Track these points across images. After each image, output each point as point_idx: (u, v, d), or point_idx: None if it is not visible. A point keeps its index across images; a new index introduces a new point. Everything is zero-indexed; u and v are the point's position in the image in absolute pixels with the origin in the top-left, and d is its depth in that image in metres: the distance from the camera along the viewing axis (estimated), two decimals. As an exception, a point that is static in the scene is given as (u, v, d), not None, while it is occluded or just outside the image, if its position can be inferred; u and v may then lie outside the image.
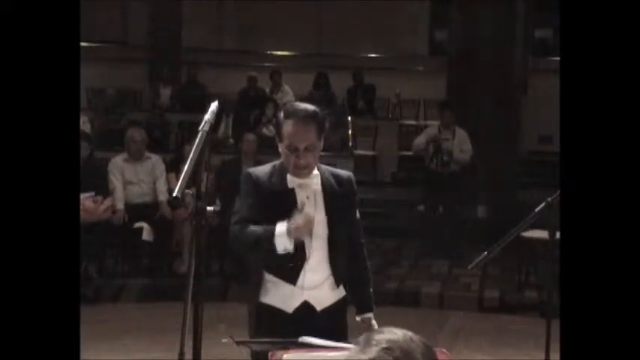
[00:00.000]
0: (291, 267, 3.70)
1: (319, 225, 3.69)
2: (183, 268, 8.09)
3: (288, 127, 3.62)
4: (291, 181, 3.68)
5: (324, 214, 3.70)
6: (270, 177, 3.72)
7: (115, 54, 15.50)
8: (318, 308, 3.73)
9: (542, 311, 6.91)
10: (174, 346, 3.10)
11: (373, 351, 1.98)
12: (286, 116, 3.65)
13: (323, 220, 3.70)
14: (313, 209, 3.69)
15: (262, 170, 3.78)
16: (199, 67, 14.62)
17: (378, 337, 2.01)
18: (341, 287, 3.81)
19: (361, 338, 2.05)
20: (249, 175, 3.78)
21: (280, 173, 3.70)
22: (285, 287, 3.74)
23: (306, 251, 3.69)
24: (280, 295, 3.75)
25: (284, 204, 3.64)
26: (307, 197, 3.69)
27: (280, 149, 3.70)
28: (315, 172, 3.71)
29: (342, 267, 3.78)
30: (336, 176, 3.79)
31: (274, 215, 3.64)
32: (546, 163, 12.82)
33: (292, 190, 3.68)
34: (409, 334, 2.03)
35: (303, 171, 3.66)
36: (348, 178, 3.82)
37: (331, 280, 3.75)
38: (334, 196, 3.72)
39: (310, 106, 3.72)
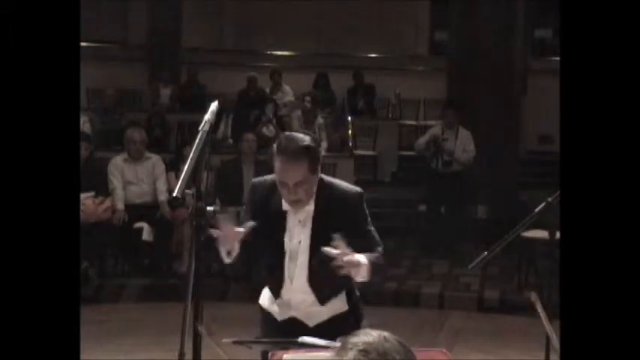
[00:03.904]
0: (270, 287, 3.78)
1: (303, 251, 3.68)
2: (183, 268, 8.09)
3: (277, 162, 3.56)
4: (286, 205, 3.66)
5: (309, 239, 3.67)
6: (270, 194, 3.70)
7: (115, 54, 15.49)
8: (310, 324, 3.71)
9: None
10: (174, 346, 3.11)
11: (350, 355, 1.99)
12: (277, 151, 3.57)
13: (307, 245, 3.67)
14: (300, 233, 3.67)
15: (265, 184, 3.76)
16: (199, 67, 14.61)
17: (353, 340, 2.03)
18: (340, 301, 3.75)
19: (338, 342, 2.08)
20: (252, 187, 3.81)
21: (280, 194, 3.67)
22: (276, 299, 3.78)
23: (285, 273, 3.70)
24: (272, 304, 3.79)
25: (275, 225, 3.67)
26: (299, 221, 3.67)
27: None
28: (311, 201, 3.65)
29: (326, 289, 3.71)
30: (339, 194, 3.70)
31: (266, 234, 3.69)
32: (546, 163, 12.82)
33: (285, 213, 3.67)
34: (384, 334, 2.05)
35: (294, 204, 3.62)
36: (352, 195, 3.72)
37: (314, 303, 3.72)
38: (326, 221, 3.63)
39: (303, 140, 3.57)
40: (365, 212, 3.74)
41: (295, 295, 3.72)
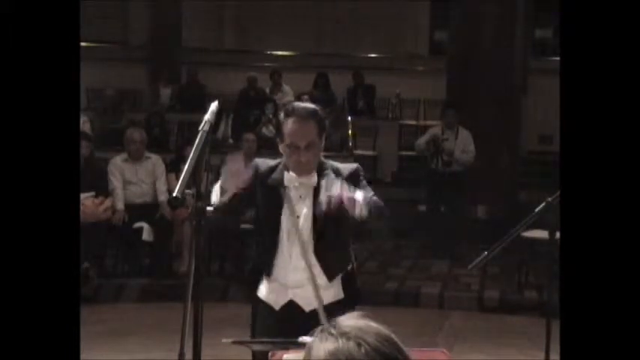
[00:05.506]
0: (262, 261, 3.82)
1: (302, 226, 3.71)
2: (184, 268, 8.09)
3: (288, 125, 3.69)
4: (289, 179, 3.72)
5: (311, 211, 3.72)
6: (271, 172, 3.79)
7: (115, 54, 15.49)
8: (307, 309, 3.72)
9: (542, 311, 6.91)
10: (174, 346, 3.11)
11: None
12: (287, 115, 3.72)
13: (309, 217, 3.72)
14: (300, 208, 3.73)
15: (267, 164, 3.84)
16: (199, 67, 14.62)
17: (316, 349, 1.74)
18: (336, 288, 3.79)
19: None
20: (255, 165, 3.88)
21: (282, 171, 3.76)
22: (273, 283, 3.79)
23: (278, 247, 3.74)
24: (269, 291, 3.80)
25: (274, 200, 3.73)
26: (300, 196, 3.74)
27: (281, 149, 3.75)
28: (314, 173, 3.73)
29: (332, 262, 3.77)
30: (337, 170, 3.80)
31: (265, 209, 3.76)
32: (546, 163, 12.82)
33: (286, 189, 3.74)
34: (363, 340, 1.73)
35: (304, 167, 3.69)
36: (350, 169, 3.83)
37: (320, 277, 3.73)
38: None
39: (310, 105, 3.82)
40: (364, 182, 3.82)
41: (294, 274, 3.73)
